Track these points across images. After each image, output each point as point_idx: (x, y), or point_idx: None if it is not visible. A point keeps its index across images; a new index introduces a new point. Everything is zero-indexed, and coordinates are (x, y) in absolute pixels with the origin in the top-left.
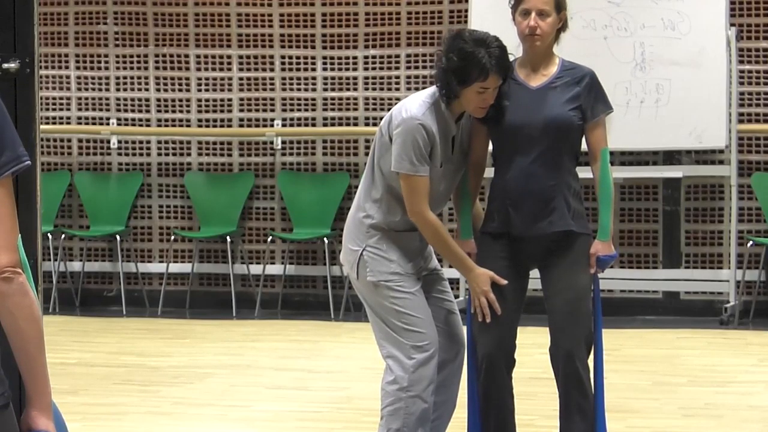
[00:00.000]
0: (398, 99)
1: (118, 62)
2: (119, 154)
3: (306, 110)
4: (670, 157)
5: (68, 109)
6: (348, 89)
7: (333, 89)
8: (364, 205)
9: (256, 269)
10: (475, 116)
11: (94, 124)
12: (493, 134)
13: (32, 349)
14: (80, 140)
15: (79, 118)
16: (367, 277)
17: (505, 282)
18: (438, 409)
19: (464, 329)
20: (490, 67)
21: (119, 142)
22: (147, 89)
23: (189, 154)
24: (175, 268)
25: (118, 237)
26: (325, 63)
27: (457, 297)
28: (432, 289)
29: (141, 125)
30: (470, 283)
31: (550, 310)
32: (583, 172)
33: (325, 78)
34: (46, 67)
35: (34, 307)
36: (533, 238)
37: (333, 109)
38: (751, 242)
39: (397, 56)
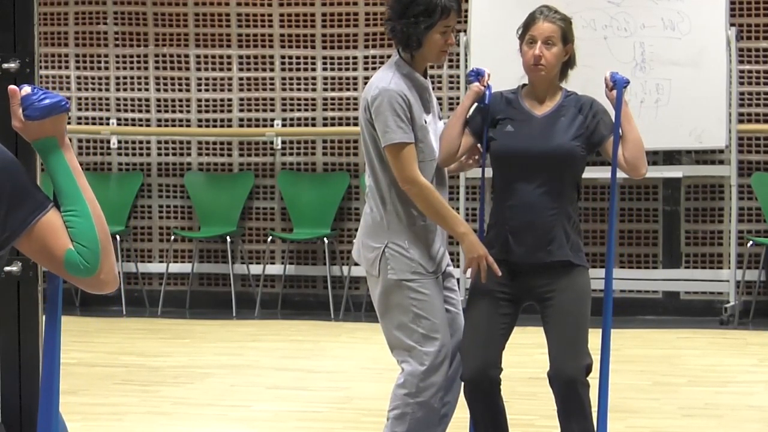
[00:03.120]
0: None
1: (118, 62)
2: (119, 154)
3: (306, 110)
4: (670, 157)
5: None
6: (348, 89)
7: (333, 89)
8: (378, 201)
9: (256, 269)
10: (438, 63)
11: (94, 124)
12: (494, 161)
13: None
14: (80, 140)
15: (79, 118)
16: (389, 275)
17: (499, 273)
18: (441, 408)
19: None
20: (451, 5)
21: (119, 142)
22: (147, 89)
23: (189, 154)
24: (175, 268)
25: (118, 237)
26: (325, 63)
27: None
28: (443, 287)
29: (141, 125)
30: (466, 247)
31: (549, 339)
32: (587, 173)
33: (325, 78)
34: (46, 67)
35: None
36: (532, 266)
37: (333, 109)
38: (751, 242)
39: None
